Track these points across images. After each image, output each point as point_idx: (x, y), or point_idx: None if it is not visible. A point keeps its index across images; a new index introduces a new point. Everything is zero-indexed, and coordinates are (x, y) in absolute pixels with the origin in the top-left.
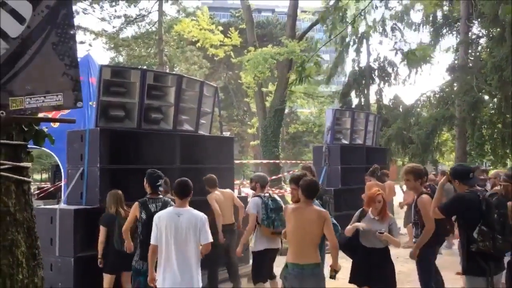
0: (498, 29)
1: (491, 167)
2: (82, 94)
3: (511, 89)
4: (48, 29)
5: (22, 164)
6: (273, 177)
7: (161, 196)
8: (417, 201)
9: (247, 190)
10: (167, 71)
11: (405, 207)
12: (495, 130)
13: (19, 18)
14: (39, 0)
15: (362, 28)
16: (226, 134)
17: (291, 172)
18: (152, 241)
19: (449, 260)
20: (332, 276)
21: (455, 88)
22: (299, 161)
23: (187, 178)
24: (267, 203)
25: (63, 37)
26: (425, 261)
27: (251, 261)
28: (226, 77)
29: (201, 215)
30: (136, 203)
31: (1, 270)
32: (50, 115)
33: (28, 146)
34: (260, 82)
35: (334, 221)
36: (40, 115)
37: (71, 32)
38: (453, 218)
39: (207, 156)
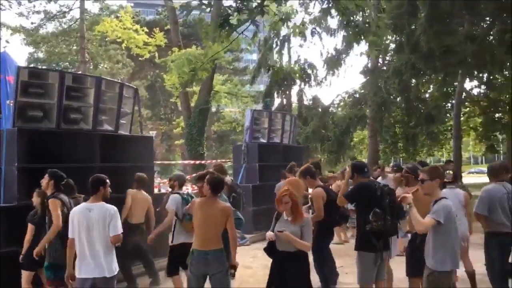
0: (398, 37)
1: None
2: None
3: (410, 92)
4: None
5: None
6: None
7: (61, 195)
8: (312, 193)
9: (165, 188)
10: (90, 68)
11: None
12: (403, 130)
13: None
14: None
15: (283, 31)
16: (153, 133)
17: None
18: (69, 235)
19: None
20: (232, 274)
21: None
22: (224, 160)
23: (100, 175)
24: (187, 199)
25: None
26: (319, 248)
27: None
28: (152, 76)
29: (111, 208)
30: (53, 199)
31: None
32: None
33: None
34: (185, 83)
35: (240, 216)
36: None
37: None
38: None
39: (127, 155)
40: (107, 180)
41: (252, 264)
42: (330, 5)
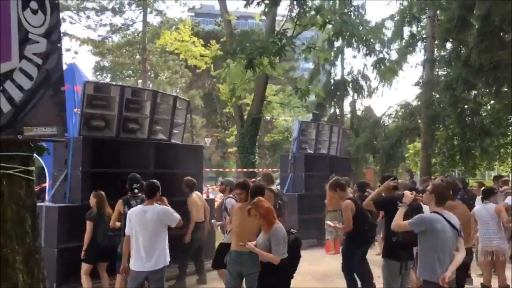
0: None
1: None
2: (68, 101)
3: (462, 106)
4: (46, 85)
5: (30, 168)
6: None
7: (139, 194)
8: (342, 206)
9: (214, 194)
10: (151, 77)
11: None
12: (458, 144)
13: (29, 77)
14: (42, 65)
15: (338, 43)
16: (208, 140)
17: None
18: (127, 232)
19: None
20: None
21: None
22: (276, 169)
23: (155, 180)
24: None
25: (57, 92)
26: (348, 256)
27: None
28: (210, 84)
29: (161, 208)
30: (120, 200)
31: (16, 236)
32: None
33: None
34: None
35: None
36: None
37: (61, 88)
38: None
39: (178, 162)
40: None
41: None
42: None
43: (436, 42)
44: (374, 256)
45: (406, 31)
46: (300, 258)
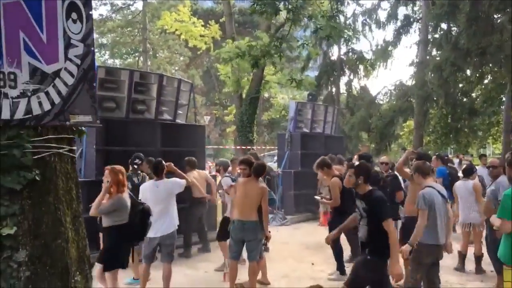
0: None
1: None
2: None
3: (451, 87)
4: (84, 81)
5: (73, 147)
6: None
7: (139, 171)
8: (329, 183)
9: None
10: (150, 57)
11: None
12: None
13: (72, 75)
14: (80, 65)
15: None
16: (207, 118)
17: (262, 155)
18: None
19: None
20: (265, 244)
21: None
22: (274, 146)
23: (160, 159)
24: (235, 180)
25: (91, 86)
26: (333, 227)
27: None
28: (208, 62)
29: (171, 180)
30: None
31: (66, 202)
32: None
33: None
34: (237, 72)
35: (273, 196)
36: None
37: (94, 84)
38: None
39: (182, 140)
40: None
41: (289, 241)
42: None
43: (430, 24)
44: None
45: (401, 13)
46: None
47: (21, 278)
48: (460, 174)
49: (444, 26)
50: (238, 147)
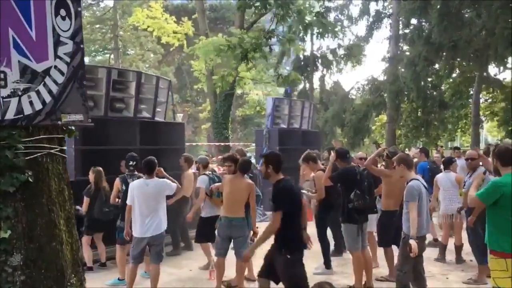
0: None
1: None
2: None
3: (423, 82)
4: (74, 79)
5: (63, 147)
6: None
7: (136, 173)
8: (314, 176)
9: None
10: (121, 54)
11: None
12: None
13: (62, 73)
14: (70, 63)
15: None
16: (180, 115)
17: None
18: (128, 202)
19: None
20: (252, 239)
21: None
22: (249, 143)
23: (152, 157)
24: (213, 179)
25: (81, 85)
26: (321, 220)
27: None
28: (179, 59)
29: (163, 180)
30: (118, 178)
31: (59, 204)
32: None
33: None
34: (211, 69)
35: (259, 192)
36: None
37: (84, 82)
38: None
39: (162, 138)
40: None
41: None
42: None
43: (400, 19)
44: None
45: (372, 8)
46: None
47: (16, 283)
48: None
49: (416, 21)
50: (214, 143)
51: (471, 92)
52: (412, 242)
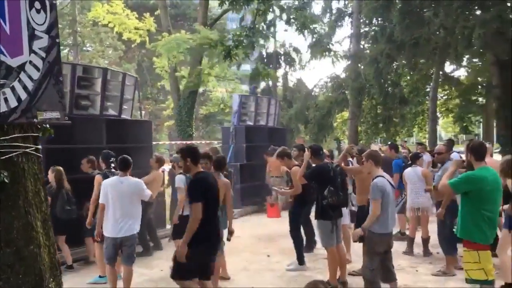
0: (374, 28)
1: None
2: None
3: (385, 79)
4: (50, 75)
5: (39, 146)
6: None
7: (113, 170)
8: (291, 172)
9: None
10: (82, 50)
11: None
12: (381, 112)
13: (37, 69)
14: (45, 58)
15: (270, 16)
16: (141, 113)
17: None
18: (101, 201)
19: None
20: (228, 238)
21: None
22: (212, 140)
23: (128, 156)
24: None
25: (57, 81)
26: (295, 216)
27: (167, 226)
28: (139, 55)
29: (139, 180)
30: (98, 175)
31: (35, 205)
32: None
33: None
34: (174, 66)
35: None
36: None
37: (61, 78)
38: None
39: (129, 137)
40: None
41: (240, 234)
42: None
43: (361, 17)
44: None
45: (335, 6)
46: None
47: None
48: None
49: (379, 19)
50: (176, 142)
51: (428, 89)
52: (357, 231)
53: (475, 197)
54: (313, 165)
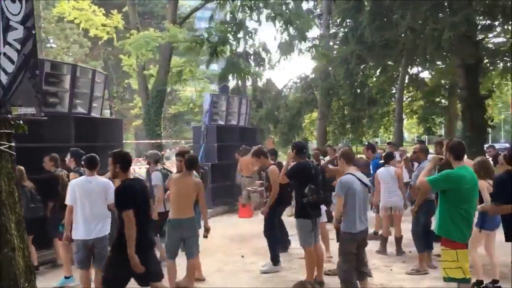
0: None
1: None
2: None
3: (356, 79)
4: (25, 69)
5: (12, 144)
6: None
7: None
8: (268, 171)
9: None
10: (46, 47)
11: None
12: (350, 112)
13: (11, 61)
14: (20, 50)
15: (239, 16)
16: (107, 112)
17: (173, 149)
18: (69, 203)
19: None
20: (205, 236)
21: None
22: (179, 140)
23: (95, 155)
24: (165, 174)
25: (33, 75)
26: (270, 216)
27: None
28: (105, 53)
29: (107, 180)
30: (73, 172)
31: (9, 206)
32: None
33: None
34: (143, 64)
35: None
36: None
37: (37, 72)
38: None
39: (98, 135)
40: None
41: (213, 235)
42: None
43: (330, 17)
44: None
45: (304, 7)
46: None
47: None
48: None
49: (349, 21)
50: (144, 141)
51: (394, 91)
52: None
53: (453, 195)
54: (294, 162)
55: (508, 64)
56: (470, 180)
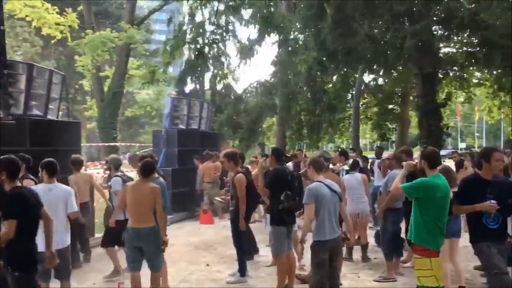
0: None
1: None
2: None
3: (316, 85)
4: None
5: None
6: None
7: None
8: (235, 180)
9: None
10: None
11: None
12: (309, 118)
13: None
14: None
15: (198, 18)
16: (59, 113)
17: (128, 153)
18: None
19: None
20: (163, 250)
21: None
22: (135, 144)
23: (53, 159)
24: (127, 180)
25: (0, 74)
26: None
27: (96, 234)
28: (56, 53)
29: (68, 188)
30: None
31: None
32: None
33: None
34: (98, 65)
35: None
36: None
37: (4, 71)
38: None
39: (55, 139)
40: None
41: (175, 242)
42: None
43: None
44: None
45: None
46: None
47: None
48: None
49: (310, 29)
50: (97, 144)
51: (349, 97)
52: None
53: (427, 203)
54: (270, 168)
55: (457, 74)
56: (444, 189)
